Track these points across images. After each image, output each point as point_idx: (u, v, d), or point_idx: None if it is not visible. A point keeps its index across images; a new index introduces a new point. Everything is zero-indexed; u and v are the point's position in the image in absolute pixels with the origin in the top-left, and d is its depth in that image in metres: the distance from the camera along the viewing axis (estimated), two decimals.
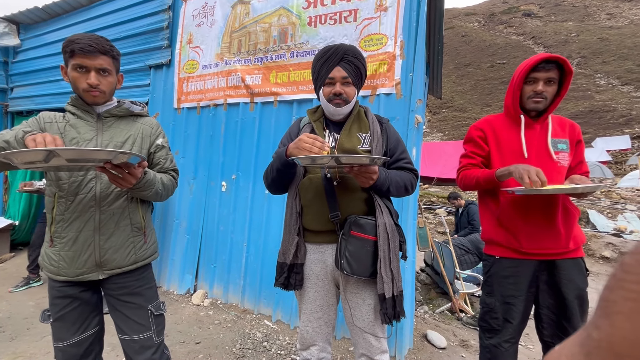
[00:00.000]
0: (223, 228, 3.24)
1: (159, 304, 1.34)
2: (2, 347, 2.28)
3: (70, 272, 1.18)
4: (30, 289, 3.42)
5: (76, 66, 1.14)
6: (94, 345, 1.28)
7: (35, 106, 4.75)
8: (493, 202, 1.48)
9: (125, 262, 1.25)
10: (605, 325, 0.22)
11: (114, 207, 1.22)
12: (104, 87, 1.19)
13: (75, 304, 1.23)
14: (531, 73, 1.36)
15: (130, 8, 3.91)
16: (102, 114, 1.25)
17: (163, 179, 1.30)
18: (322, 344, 1.35)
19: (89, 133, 1.22)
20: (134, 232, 1.28)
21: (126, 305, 1.27)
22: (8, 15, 4.88)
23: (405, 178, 1.32)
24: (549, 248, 1.35)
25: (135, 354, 1.27)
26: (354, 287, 1.28)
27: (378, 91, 2.62)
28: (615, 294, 0.22)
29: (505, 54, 49.69)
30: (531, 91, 1.38)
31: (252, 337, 2.55)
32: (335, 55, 1.27)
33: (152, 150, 1.35)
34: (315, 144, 1.12)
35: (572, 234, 1.38)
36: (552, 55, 1.32)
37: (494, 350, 1.41)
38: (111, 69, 1.21)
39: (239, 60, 3.24)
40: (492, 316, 1.43)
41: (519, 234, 1.37)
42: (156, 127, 1.40)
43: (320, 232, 1.31)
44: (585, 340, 0.24)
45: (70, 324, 1.22)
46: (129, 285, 1.27)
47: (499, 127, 1.50)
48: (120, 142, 1.26)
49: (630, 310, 0.20)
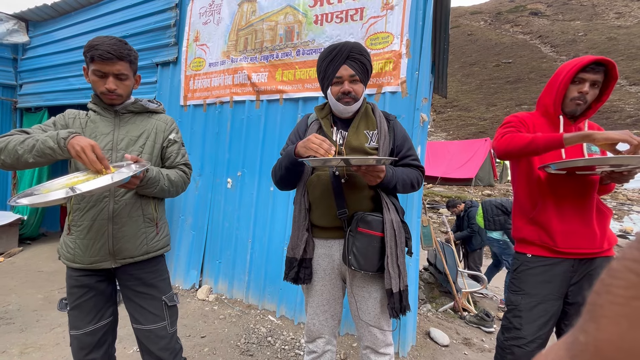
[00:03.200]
0: (228, 224, 3.28)
1: (172, 295, 1.38)
2: (13, 338, 2.33)
3: (84, 260, 1.23)
4: (37, 281, 3.47)
5: (95, 71, 1.20)
6: (107, 335, 1.32)
7: (43, 102, 4.82)
8: (527, 199, 1.45)
9: (137, 252, 1.28)
10: (591, 329, 0.22)
11: (127, 198, 1.26)
12: (120, 91, 1.25)
13: (91, 294, 1.26)
14: (579, 73, 1.33)
15: (137, 6, 3.94)
16: (119, 110, 1.31)
17: (170, 176, 1.32)
18: (328, 336, 1.37)
19: (107, 128, 1.28)
20: (146, 223, 1.31)
21: (141, 295, 1.31)
22: (17, 13, 4.94)
23: (412, 175, 1.34)
24: (585, 247, 1.33)
25: (150, 343, 1.31)
26: (360, 282, 1.30)
27: (384, 89, 2.63)
28: (602, 298, 0.22)
29: (511, 53, 49.26)
30: (576, 92, 1.34)
31: (256, 332, 2.58)
32: (341, 53, 1.28)
33: (164, 144, 1.39)
34: (323, 145, 1.14)
35: (606, 235, 1.36)
36: (603, 58, 1.29)
37: (518, 352, 1.36)
38: (128, 73, 1.26)
39: (245, 58, 3.26)
40: (515, 314, 1.40)
41: (554, 232, 1.34)
42: (170, 123, 1.44)
43: (328, 229, 1.33)
44: (572, 344, 0.24)
45: (85, 313, 1.26)
46: (143, 277, 1.31)
47: (536, 124, 1.46)
48: (135, 136, 1.31)
49: (616, 314, 0.20)
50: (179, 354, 1.39)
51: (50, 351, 2.19)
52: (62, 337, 2.38)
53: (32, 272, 3.81)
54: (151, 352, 1.31)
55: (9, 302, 2.92)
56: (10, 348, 2.19)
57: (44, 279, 3.60)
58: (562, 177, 1.35)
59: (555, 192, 1.37)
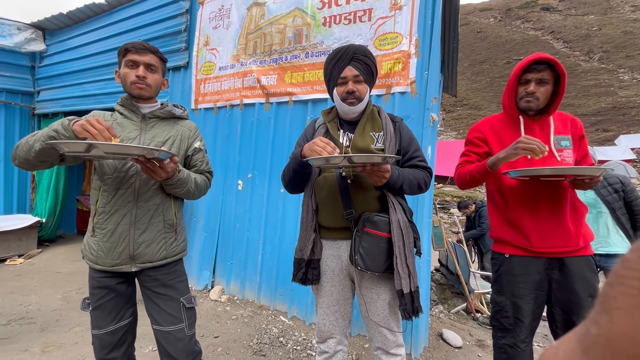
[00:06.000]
0: (239, 226, 3.31)
1: (190, 297, 1.40)
2: (34, 337, 2.41)
3: (106, 262, 1.26)
4: (56, 282, 3.58)
5: (128, 62, 1.27)
6: (127, 335, 1.36)
7: (60, 108, 4.96)
8: (502, 201, 1.47)
9: (156, 257, 1.31)
10: (604, 321, 0.22)
11: (150, 204, 1.29)
12: (150, 81, 1.31)
13: (111, 295, 1.30)
14: (524, 74, 1.38)
15: (149, 12, 4.03)
16: (146, 115, 1.35)
17: (197, 179, 1.37)
18: (339, 336, 1.38)
19: (134, 132, 1.31)
20: (166, 229, 1.34)
21: (159, 297, 1.33)
22: (34, 22, 5.10)
23: (419, 176, 1.34)
24: (560, 246, 1.34)
25: (168, 345, 1.33)
26: (368, 283, 1.30)
27: (393, 90, 2.63)
28: (615, 290, 0.21)
29: (522, 50, 48.39)
30: (523, 92, 1.39)
31: (268, 332, 2.61)
32: (346, 55, 1.31)
33: (189, 152, 1.42)
34: (327, 148, 1.16)
35: (581, 232, 1.36)
36: (543, 55, 1.33)
37: (511, 351, 1.40)
38: (158, 66, 1.33)
39: (254, 61, 3.30)
40: (503, 315, 1.42)
41: (528, 232, 1.36)
42: (194, 130, 1.47)
43: (335, 229, 1.34)
44: (584, 335, 0.24)
45: (106, 313, 1.29)
46: (161, 278, 1.34)
47: (500, 127, 1.50)
48: (160, 142, 1.34)
49: (630, 306, 0.20)
50: (198, 356, 1.40)
51: (70, 349, 2.26)
52: (81, 336, 2.45)
53: (51, 273, 3.93)
54: (169, 354, 1.33)
55: (30, 302, 3.02)
56: (32, 346, 2.27)
57: (62, 279, 3.71)
58: (531, 178, 1.36)
59: (525, 191, 1.38)
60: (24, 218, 4.69)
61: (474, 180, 1.47)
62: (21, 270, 3.96)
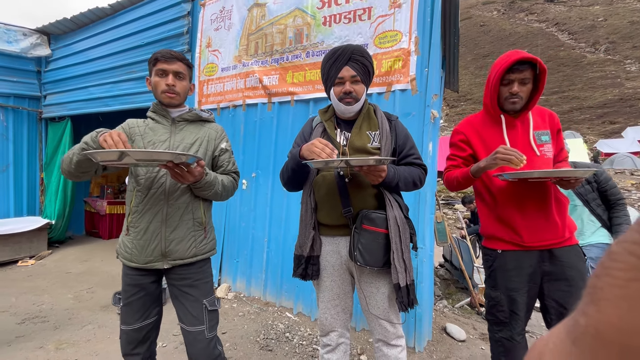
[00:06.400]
0: (244, 224, 3.37)
1: (214, 300, 1.44)
2: (48, 335, 2.48)
3: (140, 260, 1.33)
4: (67, 282, 3.67)
5: (158, 71, 1.36)
6: (151, 333, 1.41)
7: (67, 112, 5.04)
8: (491, 199, 1.50)
9: (187, 254, 1.37)
10: (592, 312, 0.22)
11: (180, 202, 1.35)
12: (178, 89, 1.39)
13: (141, 293, 1.36)
14: (506, 74, 1.38)
15: (151, 15, 4.08)
16: (175, 119, 1.42)
17: (224, 181, 1.42)
18: (341, 329, 1.43)
19: (164, 135, 1.39)
20: (196, 227, 1.39)
21: (185, 296, 1.39)
22: (39, 27, 5.18)
23: (414, 173, 1.38)
24: (549, 239, 1.38)
25: (189, 344, 1.38)
26: (367, 277, 1.35)
27: (393, 87, 2.65)
28: (602, 281, 0.22)
29: (526, 42, 47.84)
30: (507, 92, 1.40)
31: (274, 328, 2.66)
32: (343, 55, 1.34)
33: (216, 153, 1.48)
34: (325, 150, 1.19)
35: (566, 223, 1.41)
36: (524, 55, 1.34)
37: (507, 344, 1.43)
38: (185, 74, 1.41)
39: (256, 61, 3.34)
40: (498, 309, 1.45)
41: (519, 229, 1.40)
42: (220, 132, 1.53)
43: (334, 226, 1.38)
44: (573, 327, 0.24)
45: (135, 311, 1.36)
46: (189, 277, 1.38)
47: (482, 126, 1.53)
48: (188, 143, 1.40)
49: (616, 296, 0.21)
50: (218, 359, 1.41)
51: (83, 346, 2.33)
52: (93, 334, 2.52)
53: (61, 273, 4.02)
54: (190, 353, 1.38)
55: (43, 302, 3.10)
56: (47, 344, 2.34)
57: (73, 279, 3.80)
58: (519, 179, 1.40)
59: (514, 190, 1.42)
60: (34, 220, 4.79)
61: (460, 185, 1.52)
62: (33, 271, 4.06)
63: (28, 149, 5.29)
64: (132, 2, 4.26)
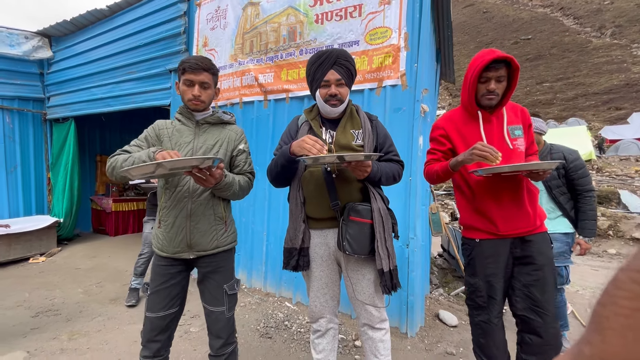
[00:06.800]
0: (245, 219, 3.48)
1: (233, 285, 1.58)
2: (61, 326, 2.63)
3: (169, 250, 1.47)
4: (77, 277, 3.83)
5: (186, 81, 1.46)
6: (172, 323, 1.54)
7: (70, 113, 5.16)
8: (469, 191, 1.59)
9: (209, 246, 1.50)
10: (597, 341, 0.22)
11: (202, 199, 1.48)
12: (204, 98, 1.49)
13: (169, 283, 1.49)
14: (483, 73, 1.46)
15: (148, 16, 4.15)
16: (199, 121, 1.54)
17: (240, 181, 1.53)
18: (330, 315, 1.54)
19: (189, 137, 1.52)
20: (217, 221, 1.52)
21: (208, 279, 1.54)
22: (40, 30, 5.28)
23: (394, 168, 1.49)
24: (522, 227, 1.48)
25: (211, 322, 1.55)
26: (354, 265, 1.45)
27: (384, 83, 2.72)
28: (607, 310, 0.22)
29: (530, 28, 46.98)
30: (484, 89, 1.48)
31: (274, 317, 2.79)
32: (329, 59, 1.43)
33: (234, 153, 1.59)
34: (316, 146, 1.28)
35: (537, 212, 1.51)
36: (500, 54, 1.43)
37: (485, 327, 1.54)
38: (211, 83, 1.50)
39: (251, 60, 3.41)
40: (477, 295, 1.55)
41: (495, 219, 1.50)
42: (240, 134, 1.63)
43: (323, 219, 1.48)
44: (577, 355, 0.24)
45: (161, 299, 1.48)
46: (212, 265, 1.53)
47: (460, 122, 1.61)
48: (210, 144, 1.52)
49: (622, 326, 0.20)
50: (233, 334, 1.61)
51: (94, 336, 2.47)
52: (103, 325, 2.67)
53: (71, 269, 4.19)
54: (211, 329, 1.56)
55: (55, 296, 3.26)
56: (60, 335, 2.49)
57: (82, 275, 3.96)
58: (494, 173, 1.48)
59: (490, 183, 1.51)
60: (43, 219, 4.96)
61: (439, 178, 1.61)
62: (44, 268, 4.23)
63: (34, 150, 5.44)
64: (130, 3, 4.34)
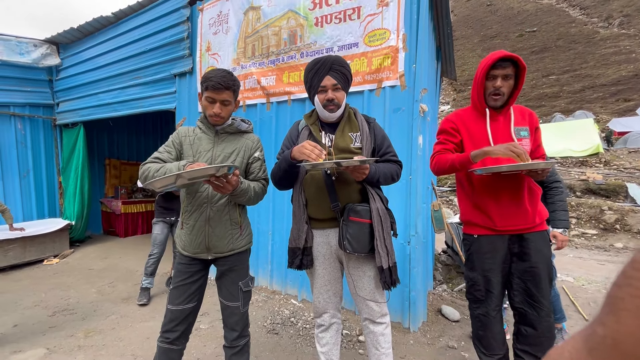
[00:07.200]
0: (250, 219, 3.55)
1: (248, 282, 1.68)
2: (76, 325, 2.75)
3: (190, 250, 1.59)
4: (90, 277, 3.96)
5: (207, 98, 1.54)
6: (190, 317, 1.64)
7: (79, 118, 5.30)
8: (470, 187, 1.64)
9: (225, 249, 1.60)
10: (611, 322, 0.22)
11: (219, 205, 1.57)
12: (224, 115, 1.57)
13: (189, 280, 1.60)
14: (491, 70, 1.52)
15: (153, 22, 4.25)
16: (219, 130, 1.63)
17: (255, 188, 1.61)
18: (333, 311, 1.61)
19: (208, 145, 1.61)
20: (232, 226, 1.61)
21: (225, 277, 1.65)
22: (48, 38, 5.41)
23: (392, 169, 1.55)
24: (519, 224, 1.53)
25: (226, 315, 1.65)
26: (355, 263, 1.52)
27: (383, 84, 2.77)
28: (623, 291, 0.21)
29: (535, 20, 46.29)
30: (491, 87, 1.54)
31: (280, 314, 2.87)
32: (325, 66, 1.50)
33: (250, 161, 1.67)
34: (315, 151, 1.35)
35: (537, 210, 1.55)
36: (507, 54, 1.48)
37: (484, 319, 1.60)
38: (231, 100, 1.58)
39: (253, 63, 3.48)
40: (476, 288, 1.61)
41: (493, 215, 1.55)
42: (256, 142, 1.71)
43: (324, 220, 1.55)
44: (590, 336, 0.24)
45: (180, 293, 1.59)
46: (228, 264, 1.64)
47: (468, 119, 1.66)
48: (228, 153, 1.61)
49: (637, 307, 0.20)
50: (246, 328, 1.71)
51: (109, 334, 2.58)
52: (117, 323, 2.78)
53: (84, 270, 4.33)
54: (227, 322, 1.65)
55: (69, 296, 3.38)
56: (76, 333, 2.61)
57: (95, 275, 4.09)
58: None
59: (490, 180, 1.55)
60: (56, 222, 5.12)
61: (453, 169, 1.61)
62: (58, 269, 4.37)
63: (45, 155, 5.61)
64: (134, 10, 4.44)
